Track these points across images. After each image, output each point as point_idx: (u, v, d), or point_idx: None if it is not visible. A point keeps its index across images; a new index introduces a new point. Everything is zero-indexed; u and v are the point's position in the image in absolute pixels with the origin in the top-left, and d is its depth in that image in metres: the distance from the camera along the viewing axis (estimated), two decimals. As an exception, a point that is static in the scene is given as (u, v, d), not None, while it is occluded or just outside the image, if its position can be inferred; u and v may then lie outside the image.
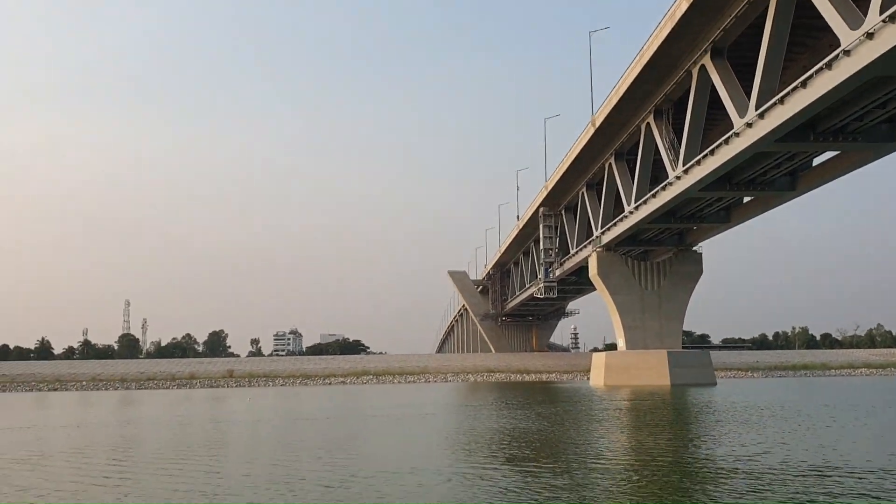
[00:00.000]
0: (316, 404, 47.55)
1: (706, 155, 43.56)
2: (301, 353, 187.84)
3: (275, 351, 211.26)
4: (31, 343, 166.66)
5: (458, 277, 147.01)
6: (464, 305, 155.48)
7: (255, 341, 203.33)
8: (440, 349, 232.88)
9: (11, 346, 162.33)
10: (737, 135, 39.61)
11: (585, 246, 70.72)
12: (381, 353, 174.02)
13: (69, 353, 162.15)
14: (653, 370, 62.66)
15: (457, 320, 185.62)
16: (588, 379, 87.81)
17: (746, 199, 58.06)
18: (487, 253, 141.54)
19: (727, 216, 59.66)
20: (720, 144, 41.65)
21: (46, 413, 45.75)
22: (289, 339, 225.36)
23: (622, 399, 44.48)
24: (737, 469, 15.69)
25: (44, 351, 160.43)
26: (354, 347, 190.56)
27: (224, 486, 14.77)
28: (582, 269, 77.25)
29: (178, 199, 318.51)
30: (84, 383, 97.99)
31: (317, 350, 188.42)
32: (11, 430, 30.78)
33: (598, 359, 70.38)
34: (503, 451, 18.85)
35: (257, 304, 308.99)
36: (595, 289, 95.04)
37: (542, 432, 23.89)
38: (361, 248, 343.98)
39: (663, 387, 59.11)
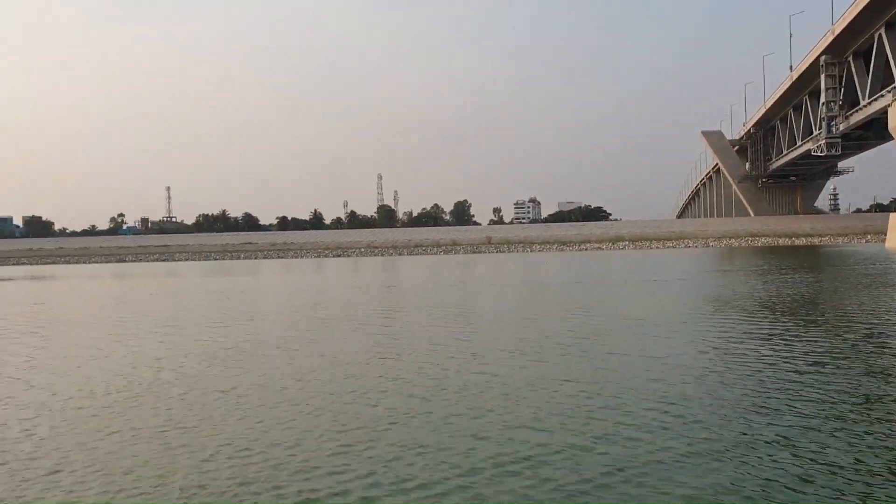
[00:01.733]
0: (613, 267, 48.58)
1: None
2: (542, 221, 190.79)
3: (515, 219, 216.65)
4: (305, 215, 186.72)
5: (714, 138, 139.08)
6: (715, 167, 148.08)
7: (496, 210, 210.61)
8: (681, 214, 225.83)
9: (289, 218, 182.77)
10: None
11: (882, 95, 63.41)
12: (618, 220, 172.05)
13: (337, 223, 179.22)
14: (966, 230, 56.33)
15: (704, 183, 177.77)
16: (867, 241, 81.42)
17: None
18: (747, 109, 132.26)
19: None
20: None
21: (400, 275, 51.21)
22: (528, 207, 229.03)
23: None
24: None
25: (317, 221, 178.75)
26: (596, 214, 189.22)
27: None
28: (871, 122, 69.80)
29: (417, 78, 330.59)
30: (362, 250, 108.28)
31: (558, 217, 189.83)
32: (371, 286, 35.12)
33: (898, 219, 63.96)
34: (813, 314, 18.15)
35: (495, 174, 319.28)
36: (877, 143, 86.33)
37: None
38: (597, 112, 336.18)
39: (978, 249, 53.17)
